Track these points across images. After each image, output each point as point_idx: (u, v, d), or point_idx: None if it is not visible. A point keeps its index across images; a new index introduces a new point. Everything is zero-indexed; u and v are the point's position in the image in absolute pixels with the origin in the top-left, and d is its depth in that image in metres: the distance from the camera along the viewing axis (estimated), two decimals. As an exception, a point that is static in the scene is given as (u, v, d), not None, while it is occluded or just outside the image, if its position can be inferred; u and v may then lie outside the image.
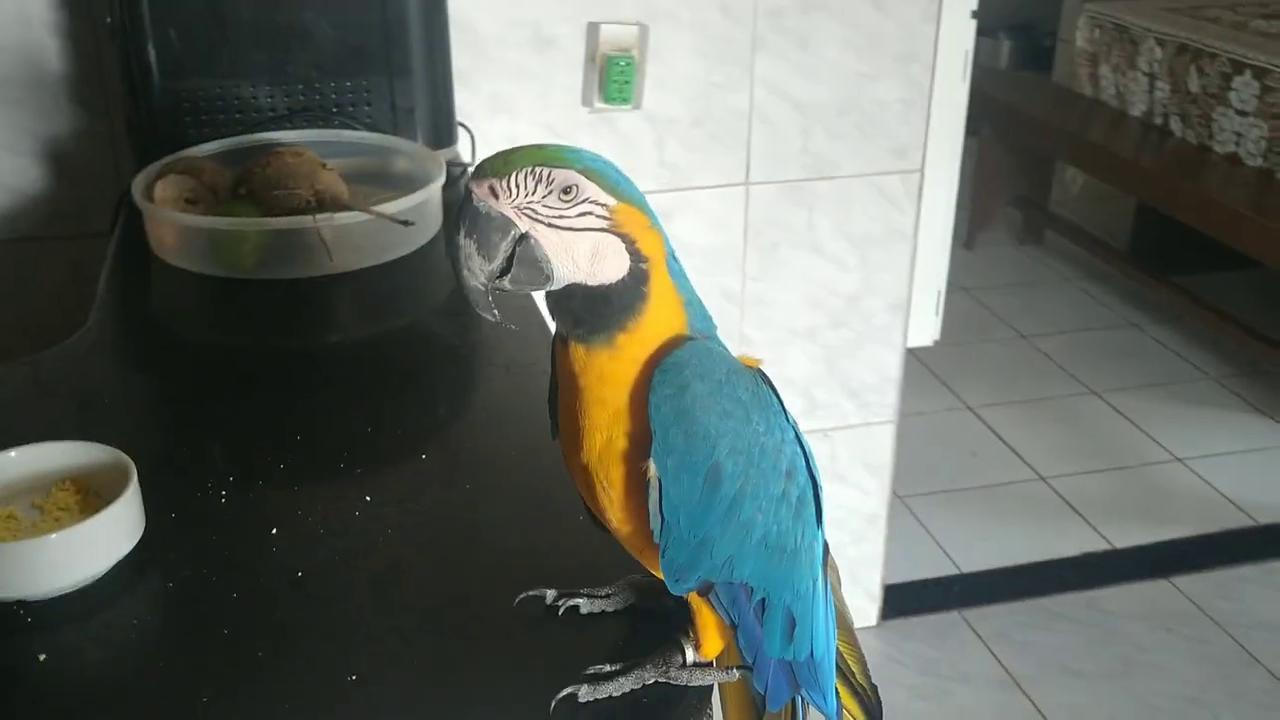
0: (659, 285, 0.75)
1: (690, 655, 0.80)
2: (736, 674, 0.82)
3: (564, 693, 0.77)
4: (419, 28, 1.75)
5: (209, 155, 1.63)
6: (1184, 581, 2.77)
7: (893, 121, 2.20)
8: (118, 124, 1.88)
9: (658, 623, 0.84)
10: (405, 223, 1.43)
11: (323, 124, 1.77)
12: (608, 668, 0.79)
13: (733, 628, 0.78)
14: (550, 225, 0.72)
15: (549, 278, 0.73)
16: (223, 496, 1.00)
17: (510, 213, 0.72)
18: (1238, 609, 2.67)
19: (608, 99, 2.05)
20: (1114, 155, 3.82)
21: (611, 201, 0.73)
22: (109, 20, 1.69)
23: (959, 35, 2.25)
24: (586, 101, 2.07)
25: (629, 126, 2.10)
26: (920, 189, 2.25)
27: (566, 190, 0.72)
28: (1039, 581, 2.77)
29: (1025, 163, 4.37)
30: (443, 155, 1.74)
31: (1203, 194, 3.47)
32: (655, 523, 0.74)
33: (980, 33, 2.27)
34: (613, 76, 2.04)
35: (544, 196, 0.72)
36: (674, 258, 0.77)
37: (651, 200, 0.77)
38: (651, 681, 0.79)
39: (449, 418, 1.18)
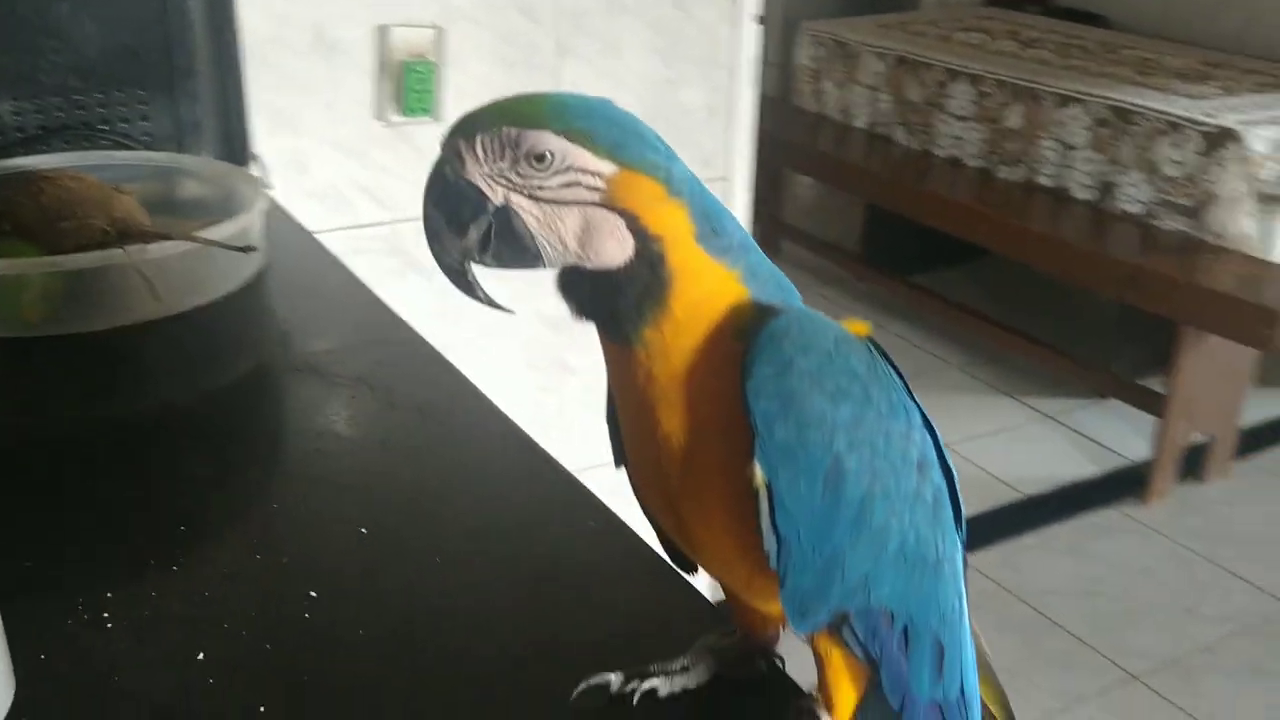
0: (687, 265, 0.60)
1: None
2: (896, 729, 0.68)
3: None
4: (204, 22, 1.50)
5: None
6: (973, 558, 2.83)
7: (698, 128, 2.12)
8: None
9: (760, 693, 0.69)
10: (245, 249, 1.20)
11: (88, 144, 1.49)
12: (733, 761, 0.63)
13: (871, 669, 0.64)
14: (530, 196, 0.58)
15: (537, 256, 0.60)
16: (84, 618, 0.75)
17: (480, 181, 0.58)
18: (1026, 578, 2.77)
19: (406, 110, 1.86)
20: (843, 163, 3.94)
21: (606, 169, 0.58)
22: None
23: (746, 41, 2.20)
24: (380, 114, 1.87)
25: (429, 141, 1.90)
26: (729, 196, 2.18)
27: (540, 158, 0.58)
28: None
29: (758, 177, 4.44)
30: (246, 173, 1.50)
31: (931, 194, 3.62)
32: (770, 543, 0.58)
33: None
34: (411, 85, 1.84)
35: (513, 163, 0.57)
36: (717, 223, 0.61)
37: None
38: (790, 767, 0.64)
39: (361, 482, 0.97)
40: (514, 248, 0.60)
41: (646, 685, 0.69)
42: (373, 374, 1.05)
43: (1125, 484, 3.14)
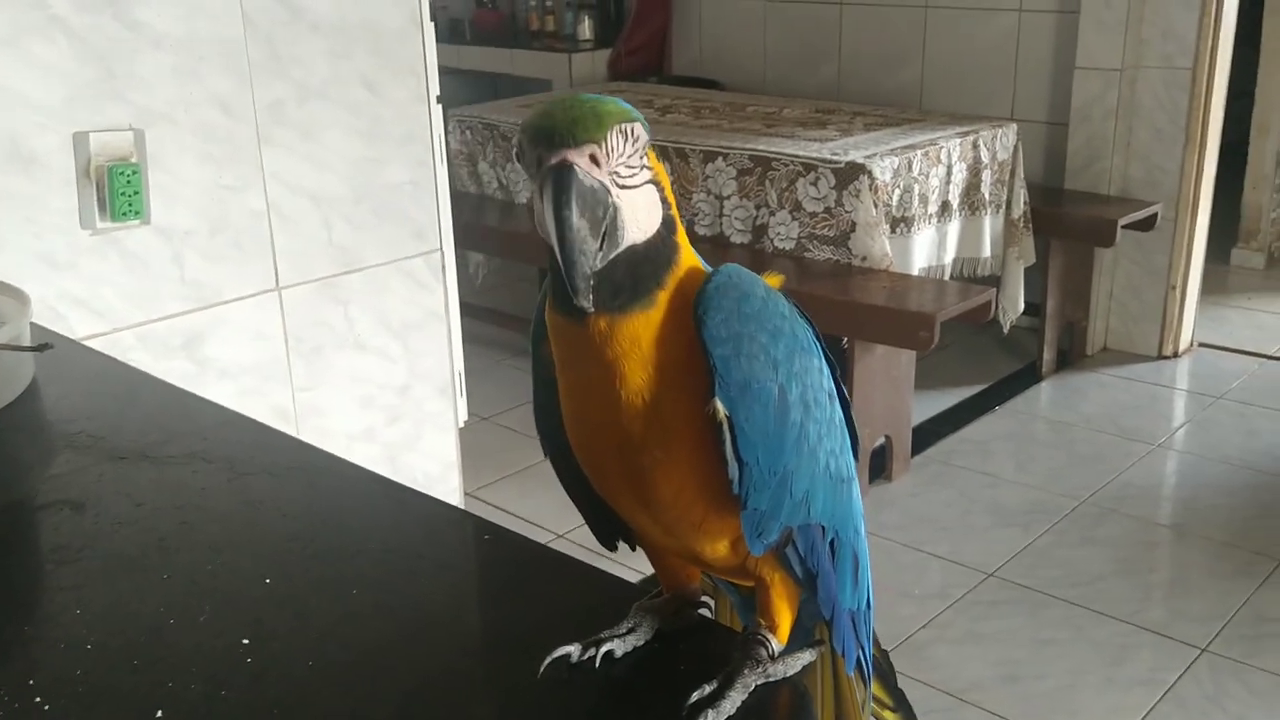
0: (681, 227, 0.69)
1: (774, 644, 0.73)
2: (822, 646, 0.76)
3: (696, 724, 0.67)
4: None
5: None
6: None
7: (406, 204, 2.17)
8: None
9: (700, 635, 0.76)
10: (40, 347, 1.14)
11: None
12: (708, 689, 0.70)
13: (806, 587, 0.73)
14: (624, 187, 0.64)
15: (618, 244, 0.65)
16: None
17: (608, 180, 0.63)
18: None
19: (115, 216, 1.80)
20: (515, 235, 4.06)
21: (645, 145, 0.66)
22: None
23: (435, 119, 2.28)
24: (88, 223, 1.80)
25: (141, 245, 1.86)
26: (443, 268, 2.24)
27: (640, 145, 0.65)
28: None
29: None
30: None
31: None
32: (733, 469, 0.67)
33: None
34: (118, 189, 1.79)
35: (630, 156, 0.64)
36: None
37: (180, 323, 0.71)
38: (756, 685, 0.71)
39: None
40: (611, 242, 0.64)
41: (605, 649, 0.74)
42: (203, 449, 1.04)
43: (825, 493, 3.39)
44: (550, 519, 3.09)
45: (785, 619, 0.74)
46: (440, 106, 2.27)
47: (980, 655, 2.62)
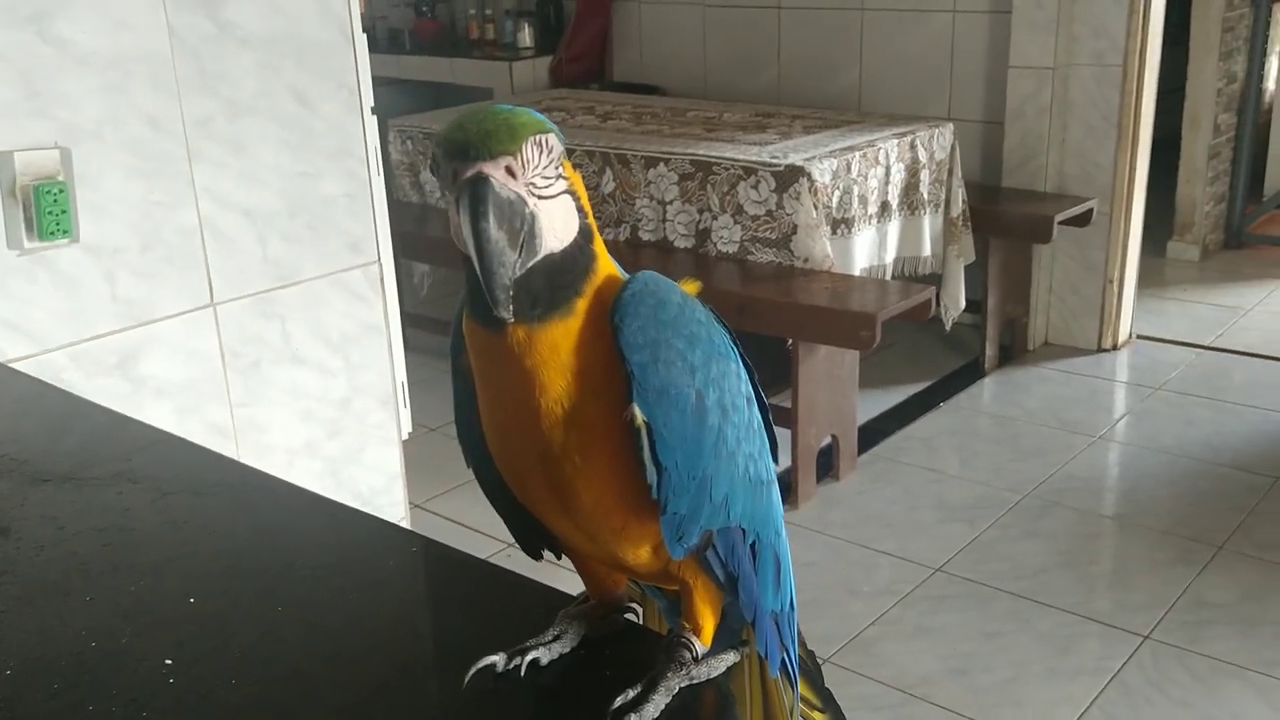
0: (598, 236, 0.70)
1: (698, 646, 0.74)
2: (746, 648, 0.77)
3: (617, 733, 0.67)
4: None
5: None
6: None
7: (342, 217, 2.15)
8: None
9: (626, 640, 0.76)
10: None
11: None
12: (631, 694, 0.70)
13: (728, 590, 0.73)
14: (541, 198, 0.65)
15: (535, 253, 0.65)
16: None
17: (524, 191, 0.63)
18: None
19: (43, 235, 1.78)
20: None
21: (560, 155, 0.67)
22: None
23: (370, 131, 2.27)
24: (14, 243, 1.77)
25: (71, 264, 1.83)
26: (381, 280, 2.23)
27: (555, 156, 0.65)
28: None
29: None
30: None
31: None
32: (651, 474, 0.67)
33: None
34: (45, 208, 1.77)
35: (545, 167, 0.64)
36: None
37: (113, 341, 0.71)
38: (680, 687, 0.71)
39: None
40: (529, 252, 0.64)
41: (530, 657, 0.74)
42: (128, 470, 1.02)
43: (774, 494, 3.41)
44: (501, 529, 3.06)
45: (709, 621, 0.75)
46: (375, 118, 2.26)
47: (929, 650, 2.64)
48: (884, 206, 3.67)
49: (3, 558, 0.89)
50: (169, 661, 0.75)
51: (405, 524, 2.35)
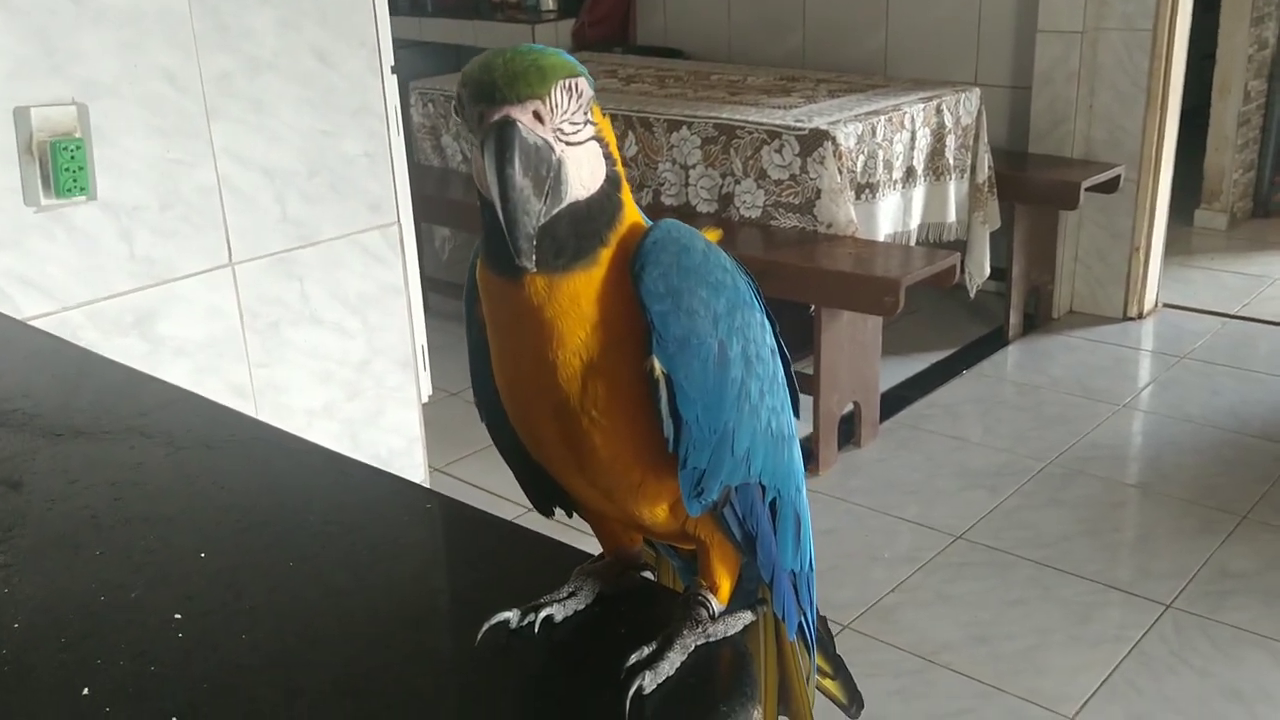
0: (626, 184, 0.68)
1: (715, 604, 0.72)
2: (764, 607, 0.75)
3: (631, 690, 0.66)
4: None
5: None
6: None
7: (361, 176, 2.14)
8: None
9: (641, 598, 0.75)
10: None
11: None
12: (646, 651, 0.69)
13: (746, 549, 0.72)
14: (568, 144, 0.63)
15: (561, 201, 0.63)
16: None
17: (551, 137, 0.61)
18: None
19: (60, 192, 1.77)
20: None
21: (589, 100, 0.65)
22: None
23: (390, 90, 2.25)
24: (31, 200, 1.77)
25: (88, 221, 1.82)
26: (401, 241, 2.21)
27: (585, 101, 0.63)
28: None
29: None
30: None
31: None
32: (668, 427, 0.65)
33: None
34: (61, 165, 1.76)
35: (574, 112, 0.62)
36: None
37: (131, 300, 0.69)
38: (695, 645, 0.70)
39: None
40: (554, 200, 0.62)
41: (544, 613, 0.73)
42: (142, 425, 1.02)
43: (796, 460, 3.40)
44: (521, 494, 3.08)
45: (725, 580, 0.73)
46: (396, 78, 2.24)
47: (949, 617, 2.63)
48: (909, 172, 3.63)
49: (14, 511, 0.88)
50: (178, 615, 0.74)
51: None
